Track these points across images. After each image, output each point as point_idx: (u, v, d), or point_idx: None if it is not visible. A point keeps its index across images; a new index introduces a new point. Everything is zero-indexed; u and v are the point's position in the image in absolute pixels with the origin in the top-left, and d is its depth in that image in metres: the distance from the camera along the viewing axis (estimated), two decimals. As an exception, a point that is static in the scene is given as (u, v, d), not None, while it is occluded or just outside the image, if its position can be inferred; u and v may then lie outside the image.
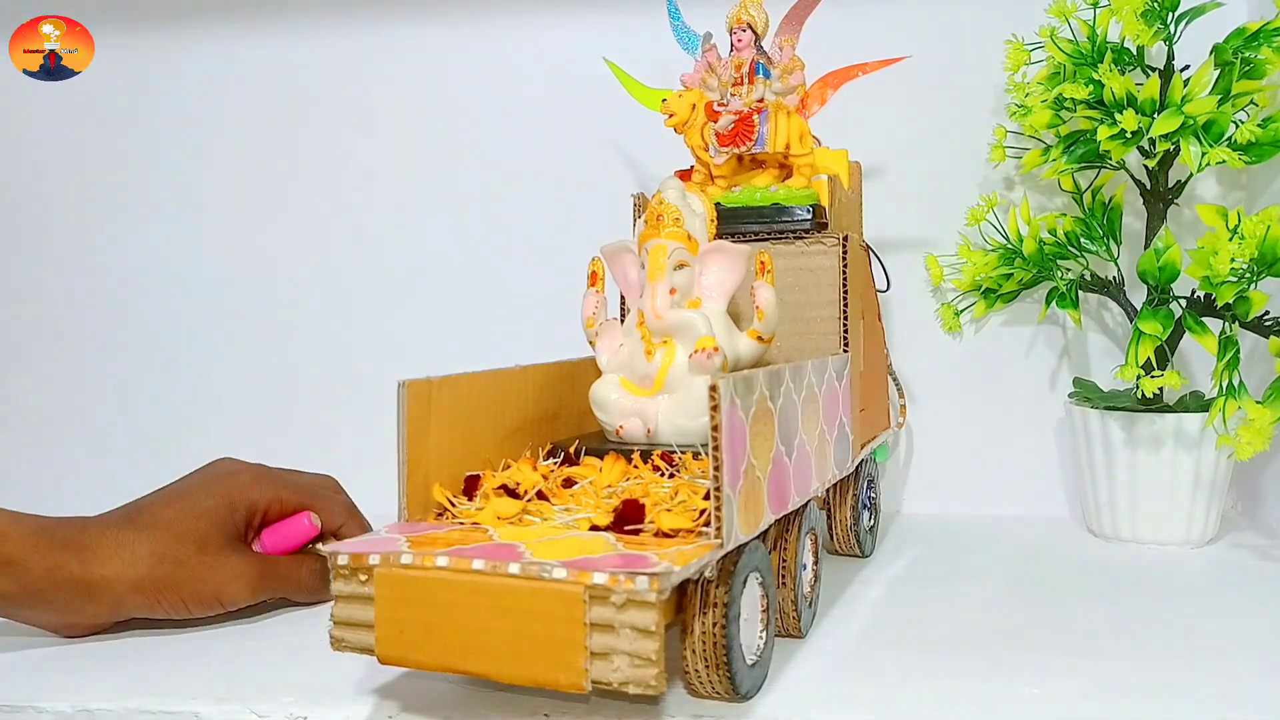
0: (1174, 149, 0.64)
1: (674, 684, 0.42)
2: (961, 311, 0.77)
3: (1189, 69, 0.65)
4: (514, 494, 0.45)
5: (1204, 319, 0.64)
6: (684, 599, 0.39)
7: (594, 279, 0.54)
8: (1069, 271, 0.71)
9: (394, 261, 0.85)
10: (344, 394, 0.85)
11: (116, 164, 0.89)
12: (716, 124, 0.60)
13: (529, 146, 0.83)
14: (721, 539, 0.38)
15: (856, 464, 0.59)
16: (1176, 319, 0.64)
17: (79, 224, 0.89)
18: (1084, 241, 0.71)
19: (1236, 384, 0.60)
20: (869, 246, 0.67)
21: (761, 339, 0.53)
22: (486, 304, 0.84)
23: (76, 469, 0.89)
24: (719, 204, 0.58)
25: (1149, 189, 0.68)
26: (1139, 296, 0.68)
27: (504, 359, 0.54)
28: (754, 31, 0.60)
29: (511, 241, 0.84)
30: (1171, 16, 0.64)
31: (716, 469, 0.38)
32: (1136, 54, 0.66)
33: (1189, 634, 0.50)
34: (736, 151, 0.60)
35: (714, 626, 0.39)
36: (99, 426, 0.89)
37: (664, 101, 0.61)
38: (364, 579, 0.39)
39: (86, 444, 0.89)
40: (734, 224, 0.59)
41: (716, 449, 0.38)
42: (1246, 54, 0.62)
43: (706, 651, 0.39)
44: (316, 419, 0.86)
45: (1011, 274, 0.72)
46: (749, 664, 0.41)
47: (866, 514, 0.65)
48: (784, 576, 0.47)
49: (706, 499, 0.41)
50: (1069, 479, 0.77)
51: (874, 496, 0.67)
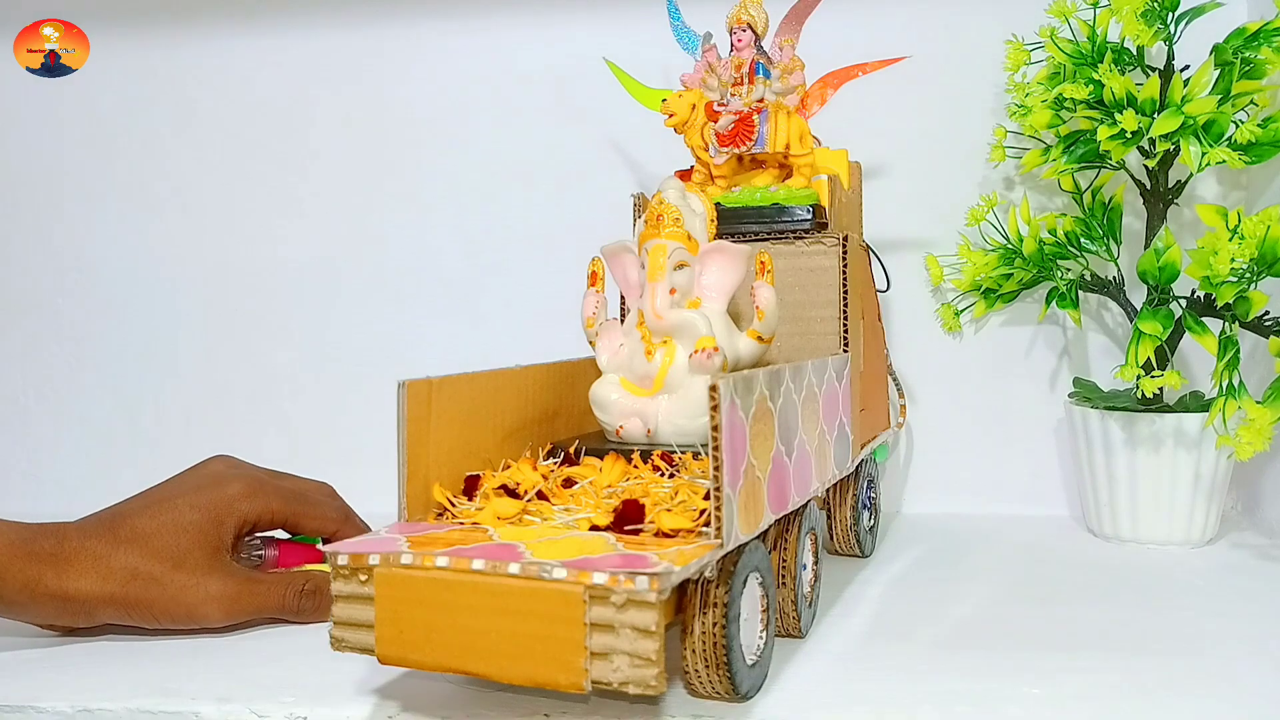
0: (1174, 149, 0.64)
1: (674, 684, 0.42)
2: (961, 311, 0.77)
3: (1189, 69, 0.65)
4: (514, 494, 0.45)
5: (1204, 319, 0.64)
6: (684, 599, 0.39)
7: (594, 279, 0.54)
8: (1069, 271, 0.71)
9: (394, 261, 0.85)
10: (344, 394, 0.85)
11: (116, 163, 0.89)
12: (716, 124, 0.60)
13: (529, 146, 0.83)
14: (721, 539, 0.38)
15: (856, 464, 0.59)
16: (1176, 319, 0.64)
17: (79, 224, 0.89)
18: (1084, 241, 0.71)
19: (1236, 384, 0.60)
20: (869, 246, 0.67)
21: (761, 339, 0.53)
22: (486, 304, 0.84)
23: (76, 468, 0.89)
24: (719, 204, 0.58)
25: (1149, 189, 0.68)
26: (1139, 296, 0.68)
27: (504, 359, 0.54)
28: (754, 31, 0.60)
29: (511, 241, 0.84)
30: (1171, 16, 0.64)
31: (716, 469, 0.38)
32: (1136, 54, 0.66)
33: (1189, 634, 0.50)
34: (736, 151, 0.60)
35: (714, 626, 0.39)
36: (98, 426, 0.89)
37: (664, 101, 0.61)
38: (364, 579, 0.39)
39: (86, 443, 0.89)
40: (734, 224, 0.59)
41: (716, 449, 0.38)
42: (1246, 54, 0.62)
43: (706, 651, 0.39)
44: (316, 419, 0.86)
45: (1011, 274, 0.72)
46: (749, 664, 0.41)
47: (866, 514, 0.65)
48: (784, 576, 0.47)
49: (706, 499, 0.41)
50: (1069, 479, 0.77)
51: (874, 496, 0.67)
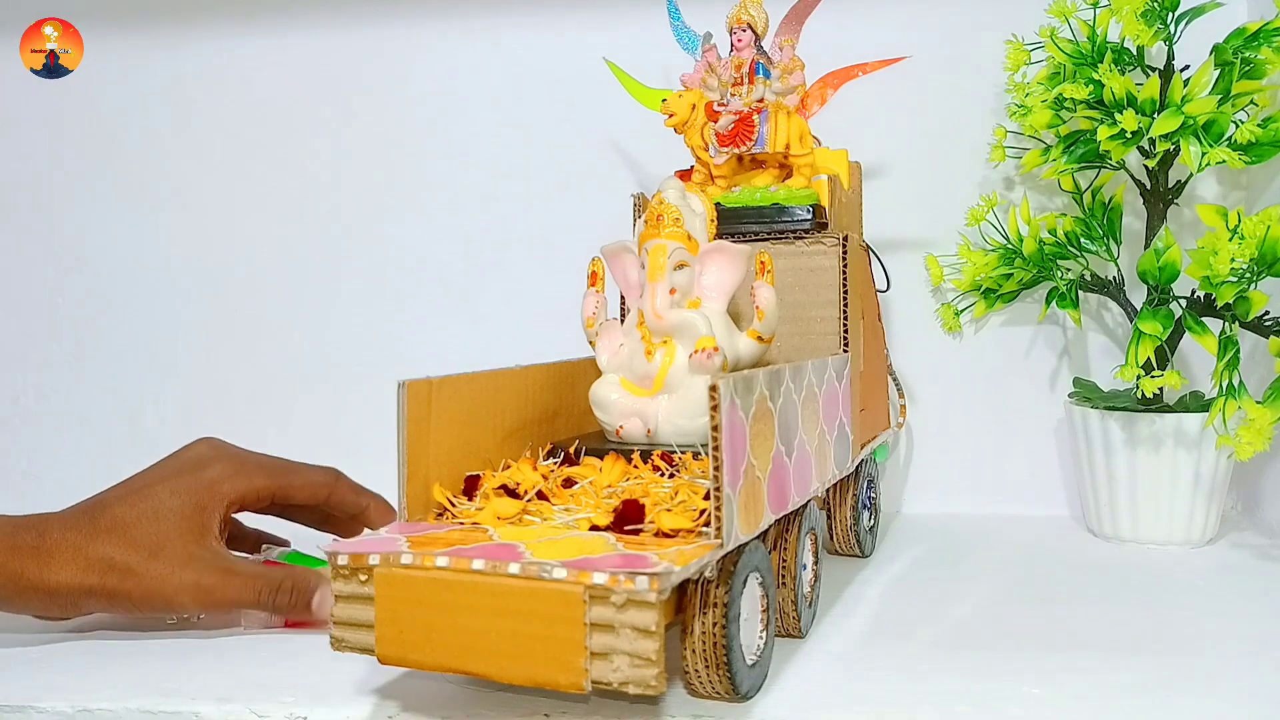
0: (1174, 149, 0.64)
1: (674, 684, 0.42)
2: (961, 311, 0.77)
3: (1189, 69, 0.65)
4: (514, 494, 0.45)
5: (1204, 319, 0.64)
6: (684, 599, 0.39)
7: (594, 279, 0.54)
8: (1069, 271, 0.71)
9: (394, 261, 0.85)
10: (344, 394, 0.85)
11: (116, 163, 0.89)
12: (716, 124, 0.59)
13: (529, 146, 0.83)
14: (721, 539, 0.38)
15: (856, 464, 0.59)
16: (1176, 319, 0.64)
17: (79, 223, 0.89)
18: (1084, 241, 0.71)
19: (1236, 384, 0.60)
20: (869, 246, 0.67)
21: (761, 339, 0.53)
22: (486, 304, 0.84)
23: (76, 468, 0.89)
24: (719, 204, 0.58)
25: (1149, 189, 0.68)
26: (1139, 296, 0.68)
27: (504, 359, 0.54)
28: (754, 31, 0.60)
29: (511, 241, 0.84)
30: (1171, 16, 0.64)
31: (716, 469, 0.38)
32: (1136, 54, 0.66)
33: (1189, 634, 0.50)
34: (736, 151, 0.60)
35: (714, 626, 0.39)
36: (98, 425, 0.89)
37: (664, 101, 0.61)
38: (364, 579, 0.39)
39: (86, 443, 0.89)
40: (734, 224, 0.59)
41: (716, 449, 0.38)
42: (1246, 54, 0.62)
43: (706, 651, 0.39)
44: (316, 419, 0.86)
45: (1011, 274, 0.72)
46: (749, 664, 0.41)
47: (866, 514, 0.65)
48: (784, 576, 0.47)
49: (706, 499, 0.41)
50: (1069, 479, 0.77)
51: (874, 496, 0.66)
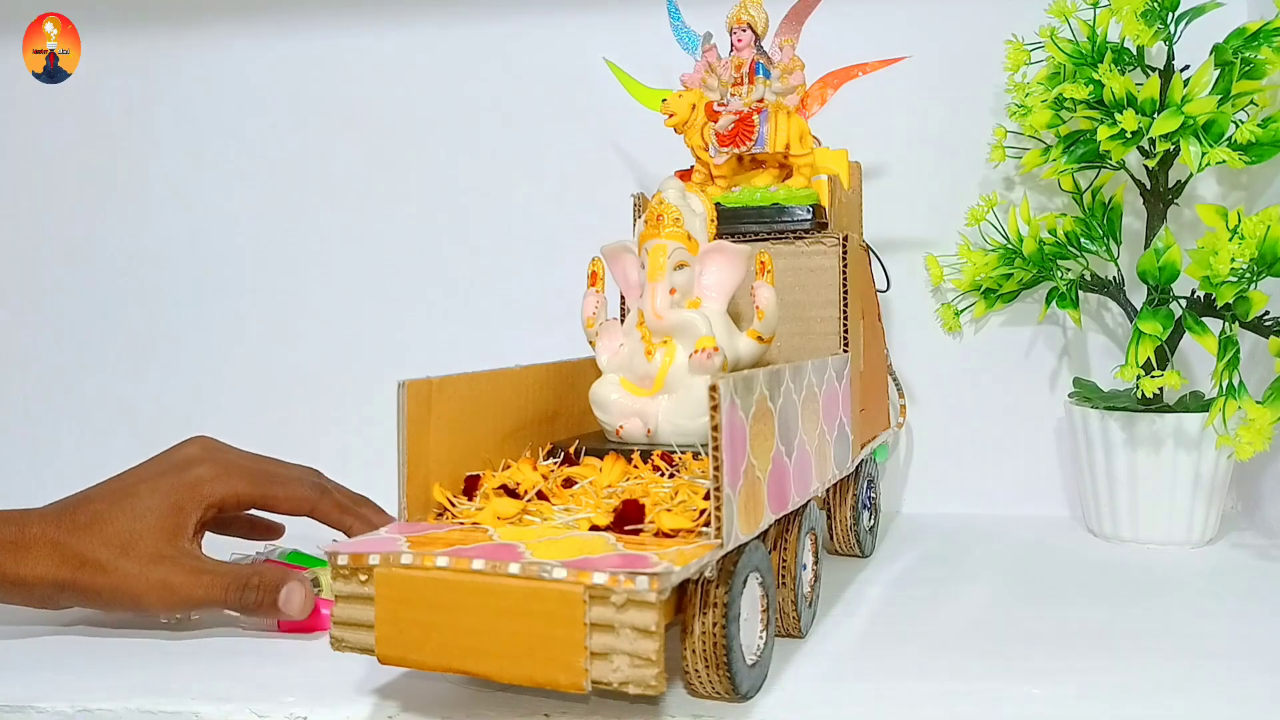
0: (1174, 149, 0.64)
1: (674, 684, 0.42)
2: (961, 311, 0.77)
3: (1189, 69, 0.65)
4: (514, 494, 0.45)
5: (1204, 319, 0.64)
6: (684, 599, 0.39)
7: (594, 279, 0.54)
8: (1069, 271, 0.71)
9: (394, 261, 0.85)
10: (344, 394, 0.85)
11: (116, 163, 0.89)
12: (716, 124, 0.59)
13: (529, 146, 0.83)
14: (721, 539, 0.38)
15: (856, 464, 0.59)
16: (1176, 319, 0.64)
17: (79, 223, 0.89)
18: (1084, 241, 0.71)
19: (1236, 384, 0.60)
20: (869, 246, 0.67)
21: (761, 339, 0.53)
22: (486, 304, 0.84)
23: (76, 468, 0.89)
24: (719, 204, 0.58)
25: (1149, 189, 0.68)
26: (1139, 296, 0.68)
27: (504, 359, 0.54)
28: (754, 31, 0.60)
29: (511, 241, 0.84)
30: (1171, 16, 0.64)
31: (716, 469, 0.38)
32: (1136, 54, 0.66)
33: (1189, 634, 0.50)
34: (736, 151, 0.60)
35: (714, 626, 0.39)
36: (98, 426, 0.89)
37: (664, 101, 0.61)
38: (364, 579, 0.39)
39: (85, 444, 0.89)
40: (734, 224, 0.59)
41: (716, 449, 0.38)
42: (1246, 54, 0.62)
43: (706, 651, 0.39)
44: (316, 419, 0.86)
45: (1011, 274, 0.72)
46: (749, 664, 0.41)
47: (866, 514, 0.65)
48: (784, 576, 0.47)
49: (706, 499, 0.41)
50: (1069, 479, 0.77)
51: (874, 496, 0.66)
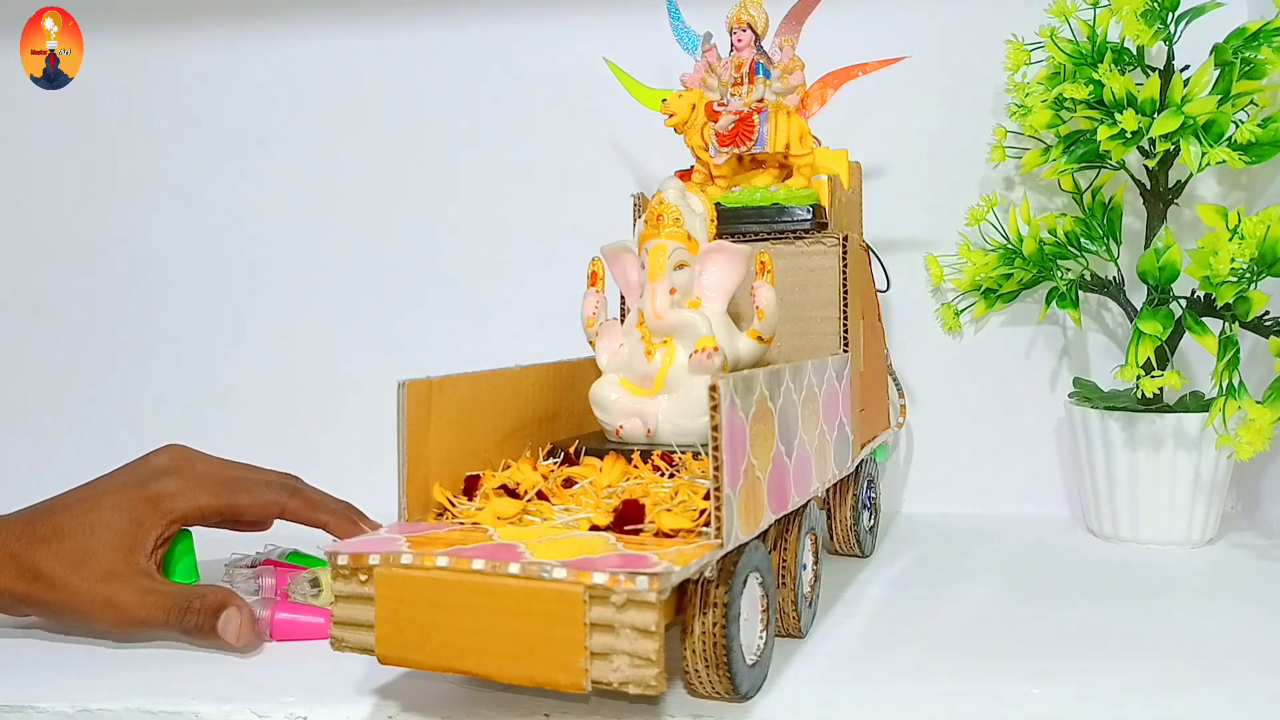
0: (1174, 149, 0.64)
1: (674, 684, 0.42)
2: (961, 311, 0.77)
3: (1189, 69, 0.65)
4: (514, 494, 0.45)
5: (1204, 319, 0.64)
6: (684, 599, 0.39)
7: (594, 279, 0.54)
8: (1069, 271, 0.71)
9: (394, 261, 0.85)
10: (344, 394, 0.85)
11: (116, 163, 0.89)
12: (716, 124, 0.59)
13: (529, 146, 0.83)
14: (721, 539, 0.38)
15: (856, 464, 0.59)
16: (1176, 319, 0.64)
17: (79, 223, 0.89)
18: (1084, 241, 0.71)
19: (1236, 384, 0.60)
20: (869, 246, 0.67)
21: (761, 339, 0.53)
22: (486, 304, 0.84)
23: (76, 468, 0.89)
24: (719, 204, 0.58)
25: (1149, 189, 0.68)
26: (1139, 296, 0.68)
27: (504, 359, 0.54)
28: (754, 31, 0.60)
29: (511, 241, 0.84)
30: (1171, 16, 0.64)
31: (716, 469, 0.38)
32: (1136, 54, 0.66)
33: (1189, 634, 0.50)
34: (736, 151, 0.60)
35: (714, 626, 0.39)
36: (98, 427, 0.89)
37: (664, 101, 0.61)
38: (364, 579, 0.39)
39: (85, 444, 0.89)
40: (734, 224, 0.59)
41: (716, 449, 0.38)
42: (1246, 54, 0.62)
43: (706, 651, 0.39)
44: (316, 419, 0.86)
45: (1011, 274, 0.72)
46: (749, 664, 0.41)
47: (866, 514, 0.65)
48: (784, 576, 0.47)
49: (706, 499, 0.41)
50: (1069, 479, 0.77)
51: (874, 496, 0.66)
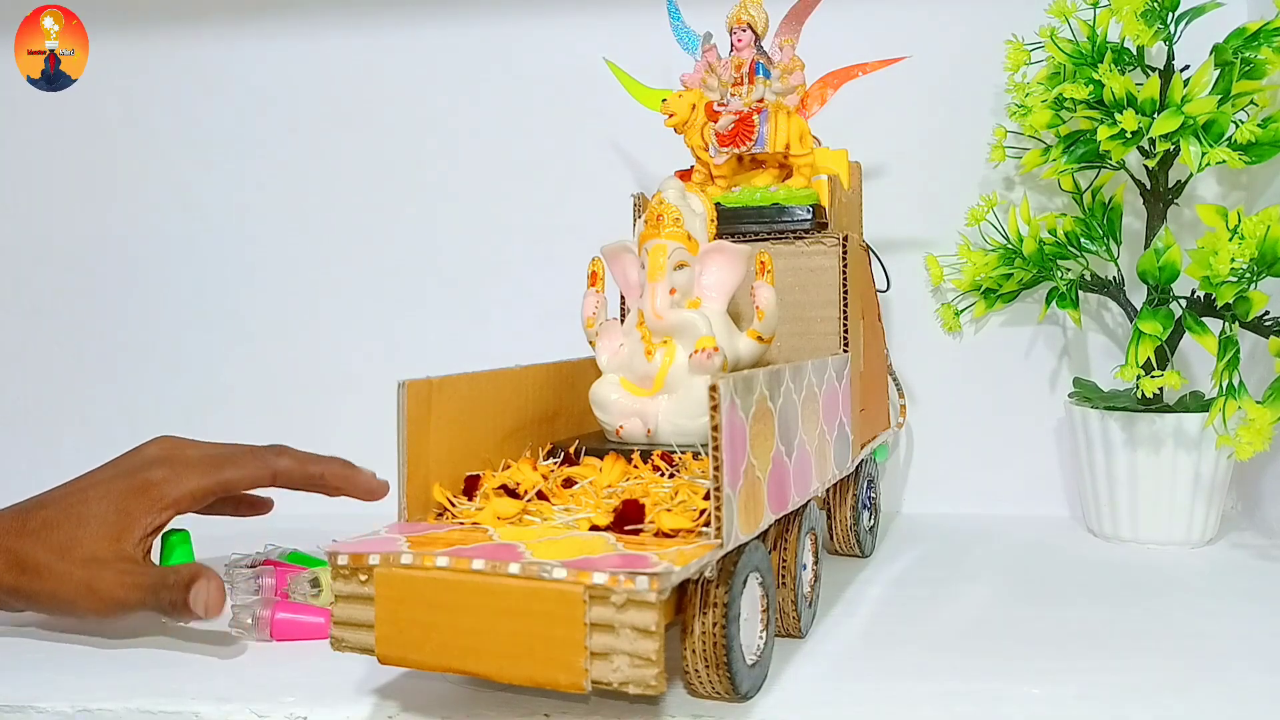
0: (1174, 149, 0.64)
1: (674, 684, 0.42)
2: (961, 311, 0.77)
3: (1189, 69, 0.65)
4: (514, 494, 0.45)
5: (1204, 319, 0.64)
6: (684, 599, 0.39)
7: (594, 279, 0.54)
8: (1069, 271, 0.71)
9: (393, 261, 0.85)
10: (344, 394, 0.85)
11: (116, 163, 0.89)
12: (716, 124, 0.59)
13: (529, 146, 0.83)
14: (721, 539, 0.38)
15: (856, 464, 0.59)
16: (1176, 319, 0.64)
17: (79, 223, 0.89)
18: (1084, 241, 0.71)
19: (1236, 384, 0.60)
20: (869, 246, 0.67)
21: (761, 339, 0.53)
22: (486, 304, 0.84)
23: (76, 468, 0.89)
24: (719, 204, 0.58)
25: (1149, 189, 0.68)
26: (1139, 296, 0.68)
27: (504, 359, 0.54)
28: (754, 31, 0.60)
29: (511, 241, 0.84)
30: (1171, 16, 0.64)
31: (716, 469, 0.38)
32: (1136, 54, 0.66)
33: (1189, 634, 0.50)
34: (736, 151, 0.60)
35: (714, 626, 0.39)
36: (98, 427, 0.89)
37: (664, 101, 0.61)
38: (364, 579, 0.39)
39: (85, 444, 0.89)
40: (734, 224, 0.59)
41: (716, 449, 0.38)
42: (1246, 54, 0.62)
43: (706, 651, 0.39)
44: (316, 419, 0.85)
45: (1011, 274, 0.72)
46: (749, 664, 0.41)
47: (866, 514, 0.65)
48: (784, 576, 0.47)
49: (706, 499, 0.41)
50: (1069, 479, 0.77)
51: (874, 496, 0.66)
